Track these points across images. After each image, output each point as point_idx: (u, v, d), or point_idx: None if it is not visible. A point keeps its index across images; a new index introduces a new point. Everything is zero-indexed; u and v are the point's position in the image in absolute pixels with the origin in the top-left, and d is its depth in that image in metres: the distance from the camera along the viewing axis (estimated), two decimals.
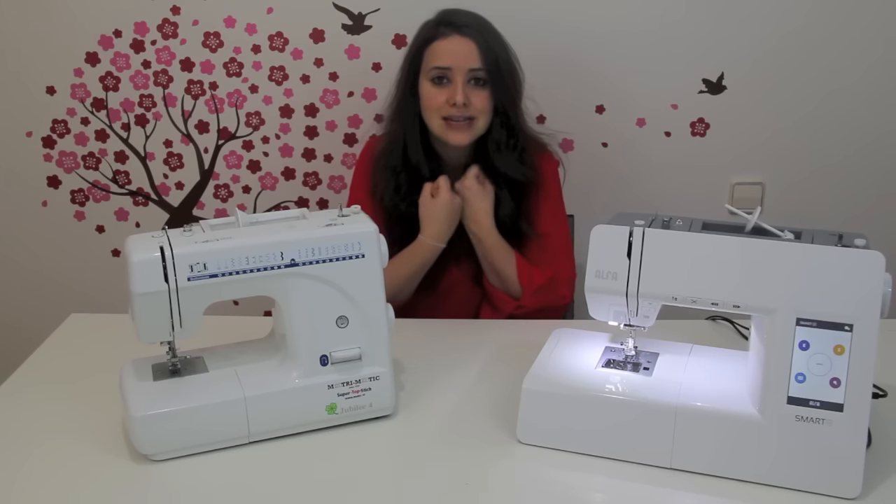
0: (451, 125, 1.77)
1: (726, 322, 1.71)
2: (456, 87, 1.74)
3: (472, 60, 1.75)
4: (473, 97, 1.75)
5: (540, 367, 1.37)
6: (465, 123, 1.76)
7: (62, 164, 2.33)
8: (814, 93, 2.21)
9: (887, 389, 1.42)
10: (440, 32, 1.77)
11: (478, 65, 1.75)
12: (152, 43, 2.22)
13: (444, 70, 1.75)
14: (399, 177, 1.83)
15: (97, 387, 1.47)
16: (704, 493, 1.22)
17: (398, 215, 1.82)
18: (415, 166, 1.82)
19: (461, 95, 1.73)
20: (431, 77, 1.76)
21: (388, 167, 1.83)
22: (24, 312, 2.45)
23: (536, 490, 1.24)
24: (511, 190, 1.82)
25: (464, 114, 1.75)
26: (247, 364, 1.38)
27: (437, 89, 1.76)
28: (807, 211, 2.29)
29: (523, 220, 1.84)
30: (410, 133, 1.81)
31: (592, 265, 1.30)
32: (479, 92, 1.76)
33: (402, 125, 1.83)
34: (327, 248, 1.32)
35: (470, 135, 1.78)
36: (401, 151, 1.83)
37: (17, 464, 1.30)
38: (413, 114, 1.81)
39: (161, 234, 1.30)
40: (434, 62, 1.76)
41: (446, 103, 1.75)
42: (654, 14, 2.16)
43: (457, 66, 1.74)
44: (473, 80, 1.76)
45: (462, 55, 1.74)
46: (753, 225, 1.25)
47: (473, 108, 1.75)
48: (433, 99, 1.76)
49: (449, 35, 1.76)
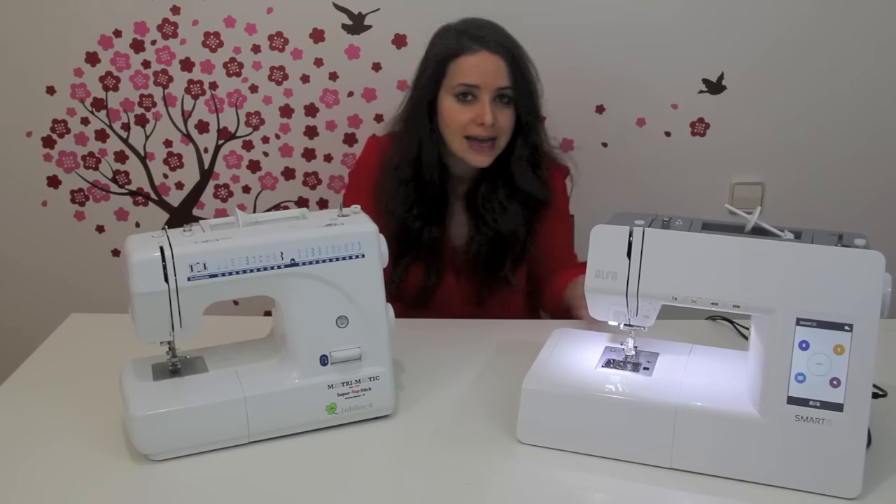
0: (473, 146, 1.72)
1: (726, 322, 1.70)
2: (484, 107, 1.69)
3: (501, 79, 1.69)
4: (499, 116, 1.71)
5: (540, 366, 1.37)
6: (487, 145, 1.72)
7: (62, 163, 2.33)
8: (814, 92, 2.21)
9: (887, 389, 1.42)
10: (467, 47, 1.70)
11: (506, 83, 1.70)
12: (152, 43, 2.22)
13: (471, 87, 1.70)
14: (409, 188, 1.78)
15: (97, 387, 1.47)
16: (704, 493, 1.22)
17: (404, 228, 1.78)
18: (426, 179, 1.77)
19: (489, 115, 1.68)
20: (456, 93, 1.71)
21: (398, 177, 1.79)
22: (24, 312, 2.45)
23: (536, 490, 1.24)
24: (524, 206, 1.80)
25: (490, 134, 1.71)
26: (247, 364, 1.38)
27: (462, 106, 1.71)
28: (807, 211, 2.29)
29: (530, 237, 1.81)
30: (427, 145, 1.76)
31: (592, 265, 1.30)
32: (504, 110, 1.72)
33: (416, 136, 1.77)
34: (327, 248, 1.32)
35: (492, 156, 1.74)
36: (413, 162, 1.77)
37: (17, 464, 1.30)
38: (430, 127, 1.75)
39: (161, 233, 1.30)
40: (461, 78, 1.70)
41: (472, 122, 1.70)
42: (654, 14, 2.16)
43: (485, 83, 1.69)
44: (499, 97, 1.71)
45: (491, 73, 1.69)
46: (753, 225, 1.25)
47: (499, 127, 1.71)
48: (457, 116, 1.71)
49: (477, 50, 1.70)
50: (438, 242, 1.81)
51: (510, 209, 1.79)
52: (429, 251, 1.80)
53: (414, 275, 1.81)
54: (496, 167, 1.78)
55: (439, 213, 1.81)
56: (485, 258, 1.80)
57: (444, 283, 1.83)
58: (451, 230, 1.83)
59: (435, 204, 1.80)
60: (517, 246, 1.80)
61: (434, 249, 1.80)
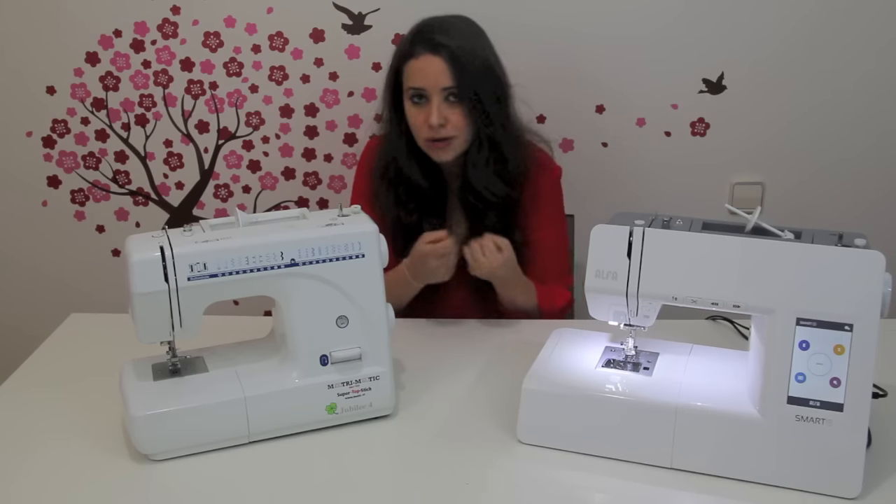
0: (432, 145, 1.75)
1: (726, 322, 1.70)
2: (431, 109, 1.71)
3: (444, 79, 1.71)
4: (450, 115, 1.72)
5: (540, 366, 1.37)
6: (443, 143, 1.74)
7: (62, 163, 2.33)
8: (814, 93, 2.21)
9: (887, 389, 1.42)
10: (414, 51, 1.74)
11: (449, 83, 1.71)
12: (152, 43, 2.22)
13: (419, 90, 1.73)
14: (398, 188, 1.81)
15: (97, 387, 1.47)
16: (704, 493, 1.22)
17: (400, 225, 1.80)
18: (409, 178, 1.80)
19: (436, 117, 1.70)
20: (410, 96, 1.75)
21: (385, 178, 1.82)
22: (24, 312, 2.45)
23: (536, 490, 1.24)
24: (496, 204, 1.79)
25: (440, 135, 1.73)
26: (247, 364, 1.38)
27: (417, 109, 1.74)
28: (807, 211, 2.29)
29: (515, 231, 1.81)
30: (399, 150, 1.80)
31: (592, 265, 1.30)
32: (455, 109, 1.73)
33: (391, 138, 1.82)
34: (327, 248, 1.32)
35: (451, 152, 1.76)
36: (395, 165, 1.81)
37: (18, 464, 1.30)
38: (400, 131, 1.80)
39: (161, 233, 1.30)
40: (409, 83, 1.74)
41: (424, 124, 1.73)
42: (654, 14, 2.16)
43: (429, 86, 1.72)
44: (450, 96, 1.73)
45: (433, 75, 1.71)
46: (753, 225, 1.25)
47: (451, 126, 1.73)
48: (414, 119, 1.75)
49: (421, 54, 1.73)
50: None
51: (485, 207, 1.79)
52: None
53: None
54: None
55: (437, 208, 1.84)
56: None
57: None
58: (452, 222, 1.86)
59: (430, 199, 1.82)
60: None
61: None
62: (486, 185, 1.78)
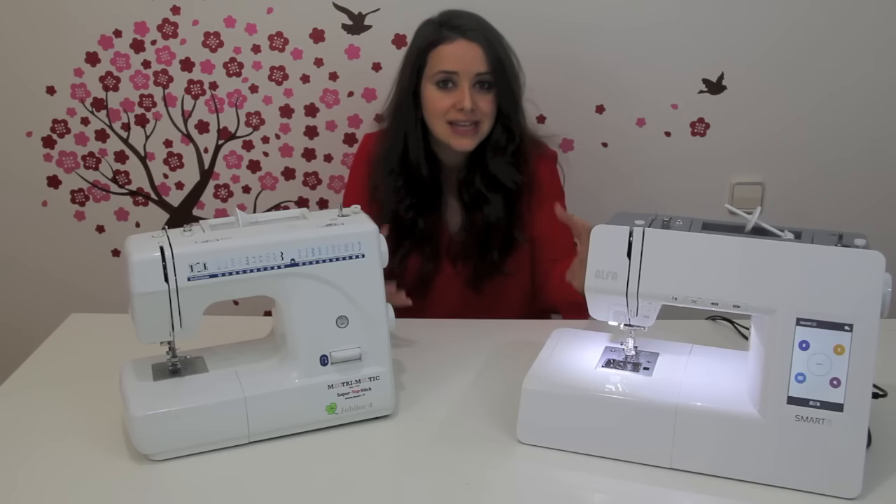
0: (457, 130, 1.76)
1: (726, 322, 1.71)
2: (463, 92, 1.74)
3: (479, 65, 1.75)
4: (480, 101, 1.76)
5: (540, 367, 1.37)
6: (470, 128, 1.76)
7: (62, 164, 2.33)
8: (814, 93, 2.21)
9: (887, 389, 1.42)
10: (445, 36, 1.76)
11: (484, 69, 1.75)
12: (152, 43, 2.22)
13: (450, 74, 1.75)
14: (398, 179, 1.83)
15: (97, 387, 1.47)
16: (704, 493, 1.22)
17: (397, 219, 1.82)
18: (414, 169, 1.82)
19: (469, 100, 1.73)
20: (436, 81, 1.76)
21: (387, 170, 1.83)
22: (24, 312, 2.45)
23: (536, 490, 1.24)
24: (504, 194, 1.82)
25: (470, 118, 1.75)
26: (247, 364, 1.38)
27: (443, 93, 1.76)
28: (807, 211, 2.29)
29: (515, 224, 1.84)
30: (413, 135, 1.81)
31: (592, 265, 1.30)
32: (485, 96, 1.77)
33: (402, 127, 1.82)
34: (327, 248, 1.32)
35: (475, 140, 1.78)
36: (400, 154, 1.82)
37: (18, 464, 1.30)
38: (415, 117, 1.81)
39: (161, 233, 1.30)
40: (440, 66, 1.76)
41: (453, 108, 1.75)
42: (654, 13, 2.16)
43: (463, 70, 1.74)
44: (478, 83, 1.76)
45: (468, 59, 1.75)
46: (753, 225, 1.25)
47: (480, 112, 1.76)
48: (439, 103, 1.76)
49: (455, 39, 1.76)
50: (434, 231, 1.85)
51: (492, 197, 1.82)
52: (425, 240, 1.84)
53: (413, 264, 1.85)
54: (479, 155, 1.82)
55: (433, 203, 1.85)
56: (475, 245, 1.84)
57: (442, 271, 1.87)
58: (447, 219, 1.88)
59: (427, 194, 1.84)
60: (499, 233, 1.83)
61: (429, 238, 1.85)
62: (502, 172, 1.81)
